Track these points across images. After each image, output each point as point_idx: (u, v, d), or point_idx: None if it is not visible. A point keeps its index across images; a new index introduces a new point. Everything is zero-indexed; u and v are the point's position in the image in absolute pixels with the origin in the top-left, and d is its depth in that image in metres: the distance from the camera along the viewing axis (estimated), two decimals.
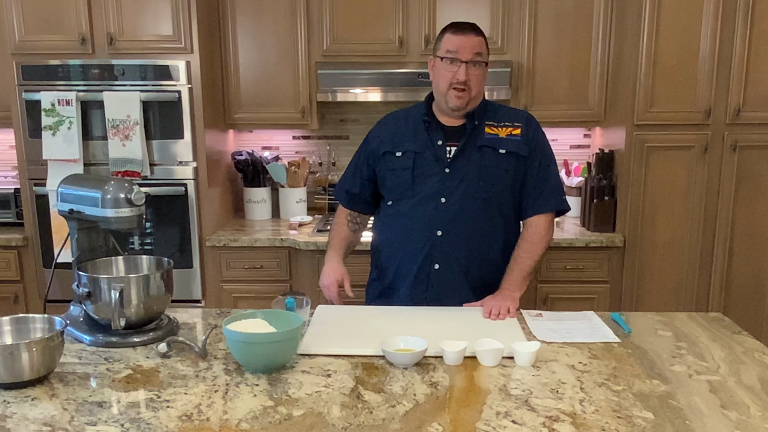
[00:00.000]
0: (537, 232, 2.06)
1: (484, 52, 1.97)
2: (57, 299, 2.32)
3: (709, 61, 2.95)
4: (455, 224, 1.99)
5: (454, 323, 1.83)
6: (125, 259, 1.89)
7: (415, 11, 3.24)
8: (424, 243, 2.01)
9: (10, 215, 3.36)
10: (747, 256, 3.10)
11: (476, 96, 2.00)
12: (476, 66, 1.95)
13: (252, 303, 3.06)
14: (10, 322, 1.59)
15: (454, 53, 1.94)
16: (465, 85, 1.94)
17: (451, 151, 2.00)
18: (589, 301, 3.11)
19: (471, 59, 1.94)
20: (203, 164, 3.10)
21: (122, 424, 1.28)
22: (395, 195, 2.07)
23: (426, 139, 2.03)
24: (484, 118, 2.03)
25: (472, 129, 2.00)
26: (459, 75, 1.94)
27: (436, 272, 2.02)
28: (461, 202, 1.99)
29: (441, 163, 2.00)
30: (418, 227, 2.01)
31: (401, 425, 1.28)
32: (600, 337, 1.74)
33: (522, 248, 2.05)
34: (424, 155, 2.02)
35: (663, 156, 3.05)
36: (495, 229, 2.04)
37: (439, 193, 2.00)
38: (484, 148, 2.00)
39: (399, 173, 2.04)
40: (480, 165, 1.99)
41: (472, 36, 1.96)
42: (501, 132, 2.02)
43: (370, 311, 1.94)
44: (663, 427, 1.26)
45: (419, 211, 2.01)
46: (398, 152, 2.05)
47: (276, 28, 3.28)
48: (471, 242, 2.01)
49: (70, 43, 3.03)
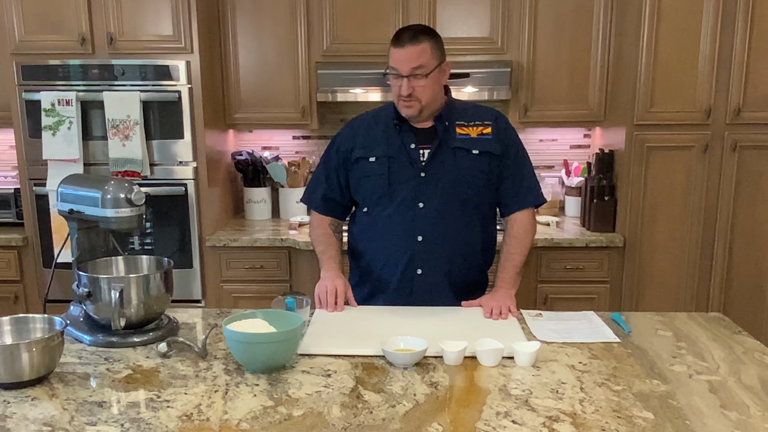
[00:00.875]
0: (522, 227, 2.07)
1: (425, 62, 1.90)
2: (57, 299, 2.31)
3: (709, 61, 2.95)
4: (435, 228, 1.99)
5: (454, 323, 1.83)
6: (125, 259, 1.89)
7: (415, 11, 3.24)
8: (405, 249, 2.00)
9: (10, 215, 3.36)
10: (747, 256, 3.09)
11: (429, 103, 1.95)
12: (418, 77, 1.90)
13: (252, 303, 3.06)
14: (10, 322, 1.59)
15: (394, 69, 1.92)
16: (410, 97, 1.92)
17: (425, 154, 1.99)
18: (589, 301, 3.11)
19: (410, 73, 1.89)
20: (203, 164, 3.10)
21: (122, 424, 1.28)
22: (371, 201, 2.05)
23: (398, 143, 2.01)
24: (453, 118, 2.02)
25: (443, 131, 1.99)
26: (402, 90, 1.92)
27: (420, 277, 2.02)
28: (439, 206, 1.98)
29: (416, 166, 1.99)
30: (398, 234, 2.01)
31: (401, 425, 1.28)
32: (600, 337, 1.74)
33: (511, 245, 2.06)
34: (398, 159, 2.00)
35: (663, 156, 3.05)
36: (474, 229, 2.04)
37: (416, 198, 1.99)
38: (457, 150, 1.99)
39: (374, 179, 2.02)
40: (455, 167, 1.98)
41: (409, 48, 1.89)
42: (472, 132, 2.01)
43: (370, 311, 1.94)
44: (663, 427, 1.26)
45: (398, 217, 2.00)
46: (371, 157, 2.02)
47: (276, 28, 3.28)
48: (452, 245, 2.01)
49: (70, 43, 3.03)
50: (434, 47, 1.93)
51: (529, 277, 3.11)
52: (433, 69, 1.92)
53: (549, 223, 3.30)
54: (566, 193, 3.57)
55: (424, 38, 1.92)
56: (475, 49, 3.27)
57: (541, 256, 3.10)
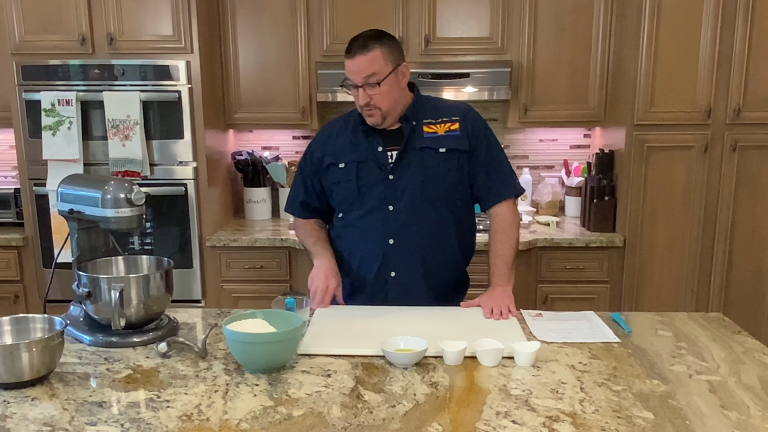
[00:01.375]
0: (505, 219, 2.05)
1: (378, 69, 1.87)
2: (57, 299, 2.32)
3: (709, 61, 2.95)
4: (406, 230, 1.98)
5: (454, 323, 1.82)
6: (125, 259, 1.89)
7: (415, 11, 3.24)
8: (377, 252, 2.00)
9: (10, 215, 3.36)
10: (747, 256, 3.09)
11: (391, 109, 1.94)
12: (372, 86, 1.88)
13: (252, 303, 3.06)
14: (10, 322, 1.59)
15: (348, 80, 1.91)
16: (369, 106, 1.91)
17: (393, 156, 1.98)
18: (589, 301, 3.11)
19: (364, 83, 1.88)
20: (203, 164, 3.10)
21: (122, 424, 1.28)
22: (344, 207, 2.05)
23: (366, 147, 2.00)
24: (421, 116, 2.00)
25: (409, 131, 1.98)
26: (359, 100, 1.91)
27: (394, 279, 2.01)
28: (409, 208, 1.97)
29: (384, 170, 1.98)
30: (369, 238, 2.00)
31: (401, 425, 1.28)
32: (600, 337, 1.74)
33: (497, 240, 2.04)
34: (366, 164, 1.99)
35: (663, 156, 3.05)
36: (447, 227, 2.03)
37: (385, 201, 1.98)
38: (424, 150, 1.97)
39: (344, 185, 2.02)
40: (422, 167, 1.97)
41: (359, 57, 1.87)
42: (440, 129, 1.99)
43: (370, 311, 1.94)
44: (663, 427, 1.26)
45: (368, 221, 2.00)
46: (341, 164, 2.01)
47: (276, 28, 3.28)
48: (425, 245, 2.00)
49: (70, 43, 3.03)
50: (386, 52, 1.90)
51: (529, 277, 3.12)
52: (387, 75, 1.89)
53: (549, 223, 3.30)
54: (566, 193, 3.57)
55: (374, 45, 1.88)
56: (475, 49, 3.27)
57: (541, 256, 3.10)
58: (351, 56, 1.90)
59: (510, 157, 3.60)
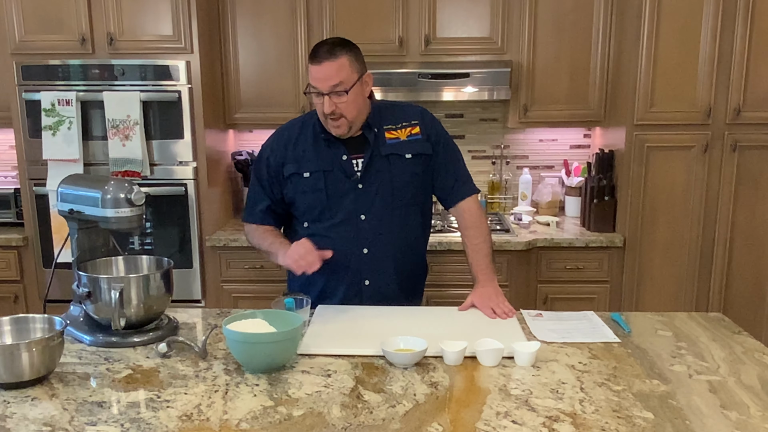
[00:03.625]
0: (474, 214, 2.06)
1: (345, 77, 1.83)
2: (57, 299, 2.31)
3: (709, 61, 2.95)
4: (380, 238, 1.98)
5: (454, 323, 1.83)
6: (125, 259, 1.89)
7: (415, 11, 3.24)
8: (350, 263, 1.99)
9: (10, 215, 3.36)
10: (747, 256, 3.09)
11: (356, 118, 1.91)
12: (339, 95, 1.84)
13: (252, 303, 3.06)
14: (10, 322, 1.59)
15: (314, 87, 1.86)
16: (334, 115, 1.87)
17: (359, 164, 1.96)
18: (589, 301, 3.11)
19: (330, 91, 1.83)
20: (203, 164, 3.10)
21: (122, 424, 1.28)
22: (311, 216, 2.01)
23: (329, 155, 1.96)
24: (381, 123, 1.99)
25: (373, 139, 1.96)
26: (324, 108, 1.86)
27: (368, 287, 2.01)
28: (381, 216, 1.97)
29: (352, 179, 1.96)
30: (342, 247, 1.96)
31: (401, 425, 1.28)
32: (600, 337, 1.74)
33: (472, 236, 2.04)
34: (333, 173, 1.96)
35: (663, 156, 3.05)
36: (416, 229, 2.07)
37: (356, 210, 1.97)
38: (390, 156, 1.97)
39: (311, 195, 1.97)
40: (390, 175, 1.97)
41: (326, 64, 1.82)
42: (401, 134, 1.99)
43: (370, 311, 1.94)
44: (663, 427, 1.26)
45: (340, 231, 1.97)
46: (305, 172, 1.97)
47: (276, 28, 3.28)
48: (398, 250, 2.01)
49: (70, 43, 3.03)
50: (353, 60, 1.86)
51: (529, 277, 3.11)
52: (354, 83, 1.86)
53: (549, 223, 3.30)
54: (566, 193, 3.57)
55: (341, 52, 1.84)
56: (475, 49, 3.27)
57: (541, 256, 3.10)
58: (318, 62, 1.84)
59: (510, 157, 3.66)
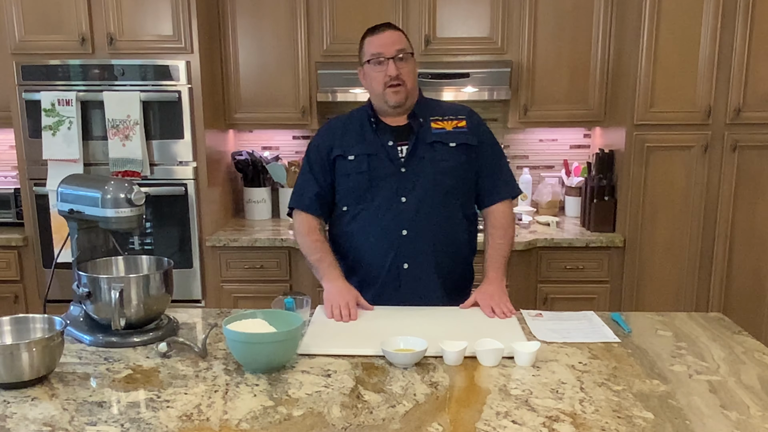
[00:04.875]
0: (504, 217, 2.09)
1: (406, 45, 1.99)
2: (57, 299, 2.31)
3: (709, 61, 2.95)
4: (419, 221, 2.00)
5: (454, 323, 1.83)
6: (125, 259, 1.89)
7: (415, 11, 3.24)
8: (390, 244, 2.01)
9: (10, 215, 3.36)
10: (747, 256, 3.09)
11: (412, 89, 2.01)
12: (403, 60, 1.97)
13: (252, 303, 3.06)
14: (10, 322, 1.59)
15: (378, 54, 1.96)
16: (398, 80, 1.96)
17: (403, 150, 2.01)
18: (589, 301, 3.11)
19: (395, 54, 1.95)
20: (203, 164, 3.10)
21: (122, 424, 1.28)
22: (351, 200, 2.04)
23: (376, 141, 2.02)
24: (427, 114, 2.05)
25: (418, 126, 2.02)
26: (389, 71, 1.95)
27: (406, 271, 2.02)
28: (421, 199, 1.99)
29: (395, 163, 2.00)
30: (382, 229, 2.00)
31: (401, 425, 1.28)
32: (600, 337, 1.74)
33: (496, 235, 2.08)
34: (377, 156, 2.01)
35: (663, 156, 3.05)
36: (458, 221, 2.06)
37: (398, 193, 1.99)
38: (435, 144, 2.01)
39: (354, 177, 2.02)
40: (434, 160, 2.00)
41: (389, 33, 1.98)
42: (447, 125, 2.04)
43: (370, 311, 1.94)
44: (663, 427, 1.26)
45: (381, 213, 2.00)
46: (350, 156, 2.02)
47: (276, 28, 3.28)
48: (437, 237, 2.02)
49: (70, 43, 3.03)
50: (407, 39, 2.03)
51: (529, 277, 3.12)
52: (413, 53, 2.01)
53: (549, 223, 3.30)
54: (566, 193, 3.57)
55: (398, 29, 2.02)
56: (475, 49, 3.27)
57: (541, 256, 3.10)
58: (380, 31, 1.99)
59: (510, 157, 3.65)
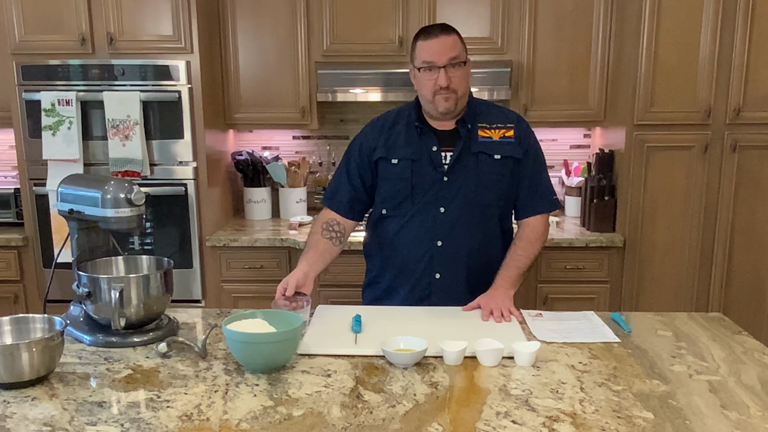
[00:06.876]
0: (534, 231, 2.05)
1: (459, 51, 1.91)
2: (57, 299, 2.31)
3: (709, 61, 2.95)
4: (455, 233, 1.98)
5: (454, 323, 1.83)
6: (125, 259, 1.89)
7: (415, 11, 3.24)
8: (424, 253, 2.00)
9: (10, 215, 3.36)
10: (747, 256, 3.09)
11: (463, 96, 1.95)
12: (455, 67, 1.90)
13: (252, 303, 3.06)
14: (10, 322, 1.59)
15: (430, 62, 1.89)
16: (449, 89, 1.90)
17: (447, 157, 1.97)
18: (589, 301, 3.11)
19: (447, 63, 1.88)
20: (203, 164, 3.10)
21: (122, 424, 1.28)
22: (392, 204, 2.02)
23: (420, 145, 1.98)
24: (476, 120, 2.00)
25: (466, 133, 1.97)
26: (440, 81, 1.89)
27: (438, 281, 2.01)
28: (460, 211, 1.97)
29: (438, 170, 1.97)
30: (417, 237, 1.99)
31: (401, 425, 1.28)
32: (600, 337, 1.74)
33: (519, 246, 2.04)
34: (420, 162, 1.97)
35: (663, 156, 3.05)
36: (494, 233, 2.03)
37: (437, 202, 1.97)
38: (480, 155, 1.97)
39: (396, 183, 2.00)
40: (477, 172, 1.96)
41: (443, 38, 1.90)
42: (494, 134, 1.99)
43: (370, 311, 1.94)
44: (663, 427, 1.26)
45: (418, 221, 1.99)
46: (393, 159, 1.99)
47: (276, 28, 3.28)
48: (472, 250, 2.00)
49: (70, 43, 3.03)
50: (462, 41, 1.94)
51: (529, 277, 3.10)
52: (467, 59, 1.93)
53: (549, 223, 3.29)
54: (566, 193, 3.57)
55: (453, 31, 1.93)
56: (475, 49, 3.26)
57: (541, 256, 3.09)
58: (433, 37, 1.90)
59: None
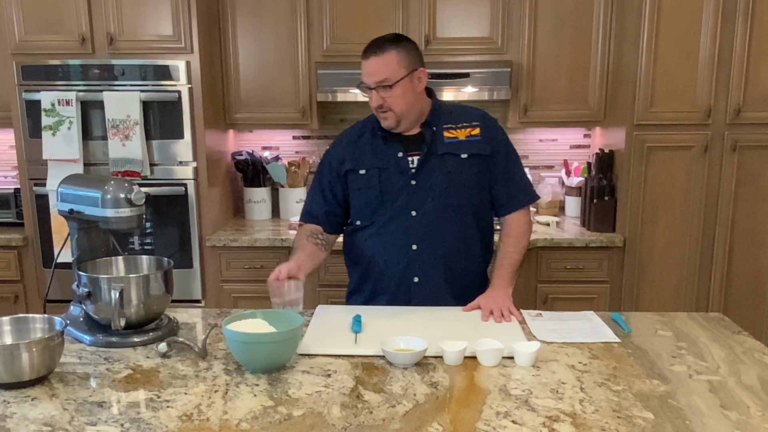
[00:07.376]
0: (519, 226, 2.06)
1: (390, 74, 1.88)
2: (57, 299, 2.31)
3: (709, 61, 2.95)
4: (430, 236, 1.98)
5: (454, 323, 1.83)
6: (125, 259, 1.89)
7: (415, 11, 3.23)
8: (400, 258, 1.99)
9: (10, 215, 3.36)
10: (747, 256, 3.09)
11: (405, 113, 1.93)
12: (384, 89, 1.89)
13: (252, 303, 3.05)
14: (10, 322, 1.59)
15: (363, 84, 1.92)
16: (383, 108, 1.91)
17: (414, 161, 1.97)
18: (589, 301, 3.11)
19: (376, 85, 1.89)
20: (203, 164, 3.10)
21: (122, 424, 1.28)
22: (365, 214, 2.02)
23: (386, 153, 1.99)
24: (441, 122, 2.00)
25: (430, 136, 1.97)
26: (371, 102, 1.91)
27: (417, 285, 2.01)
28: (433, 213, 1.97)
29: (405, 175, 1.97)
30: (392, 243, 1.99)
31: (401, 425, 1.28)
32: (600, 337, 1.74)
33: (508, 243, 2.05)
34: (387, 170, 1.98)
35: (663, 156, 3.05)
36: (471, 233, 2.03)
37: (408, 206, 1.97)
38: (446, 156, 1.97)
39: (366, 192, 2.00)
40: (445, 173, 1.96)
41: (373, 60, 1.89)
42: (460, 134, 1.99)
43: (370, 311, 1.94)
44: (663, 427, 1.26)
45: (392, 227, 1.99)
46: (361, 170, 2.00)
47: (276, 28, 3.28)
48: (449, 251, 2.00)
49: (70, 43, 3.03)
50: (402, 56, 1.90)
51: (529, 277, 3.11)
52: (400, 79, 1.89)
53: (549, 223, 3.30)
54: (566, 193, 3.57)
55: (389, 47, 1.89)
56: (475, 49, 3.27)
57: (541, 256, 3.10)
58: (365, 57, 1.91)
59: None
